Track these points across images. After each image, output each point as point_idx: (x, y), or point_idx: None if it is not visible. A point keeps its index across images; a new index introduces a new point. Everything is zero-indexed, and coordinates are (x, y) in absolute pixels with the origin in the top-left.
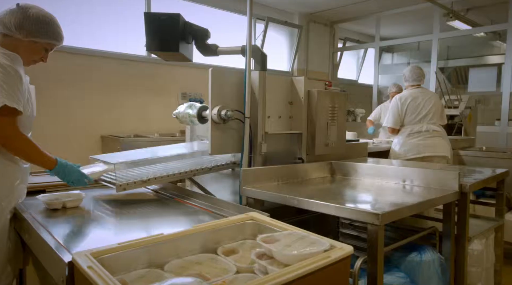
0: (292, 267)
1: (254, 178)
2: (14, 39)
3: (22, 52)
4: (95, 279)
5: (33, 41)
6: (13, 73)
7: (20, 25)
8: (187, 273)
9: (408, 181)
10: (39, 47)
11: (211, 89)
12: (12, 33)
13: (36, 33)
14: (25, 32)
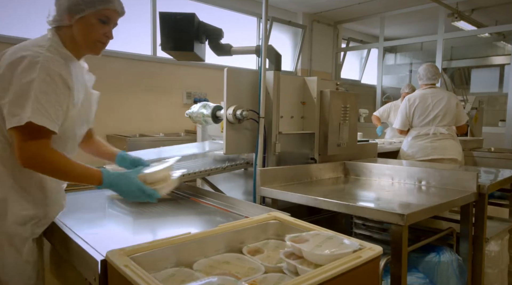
0: (325, 267)
1: (270, 178)
2: (66, 29)
3: (79, 40)
4: (133, 278)
5: (80, 19)
6: (60, 83)
7: (59, 9)
8: (217, 272)
9: (424, 181)
10: (89, 22)
11: (226, 89)
12: (60, 22)
13: (77, 5)
14: (67, 13)
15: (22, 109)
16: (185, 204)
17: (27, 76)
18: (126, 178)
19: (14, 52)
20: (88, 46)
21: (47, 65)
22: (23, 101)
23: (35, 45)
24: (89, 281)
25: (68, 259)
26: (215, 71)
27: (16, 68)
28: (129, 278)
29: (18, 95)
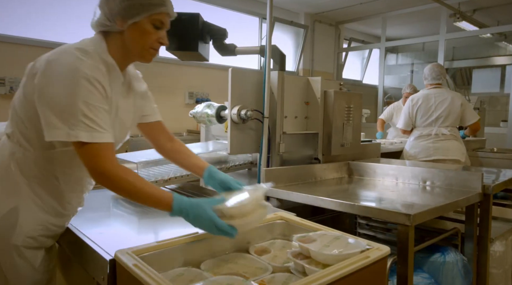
0: (334, 267)
1: (275, 178)
2: (115, 35)
3: (131, 46)
4: (143, 277)
5: (133, 24)
6: (98, 91)
7: (110, 13)
8: (224, 272)
9: (428, 181)
10: (143, 27)
11: (231, 89)
12: (109, 27)
13: (130, 9)
14: (120, 17)
15: (68, 122)
16: None
17: (71, 86)
18: (198, 207)
19: (55, 57)
20: (140, 53)
21: (90, 74)
22: (70, 113)
23: (78, 50)
24: (96, 281)
25: (75, 259)
26: (218, 71)
27: (55, 75)
28: (139, 277)
29: (63, 104)
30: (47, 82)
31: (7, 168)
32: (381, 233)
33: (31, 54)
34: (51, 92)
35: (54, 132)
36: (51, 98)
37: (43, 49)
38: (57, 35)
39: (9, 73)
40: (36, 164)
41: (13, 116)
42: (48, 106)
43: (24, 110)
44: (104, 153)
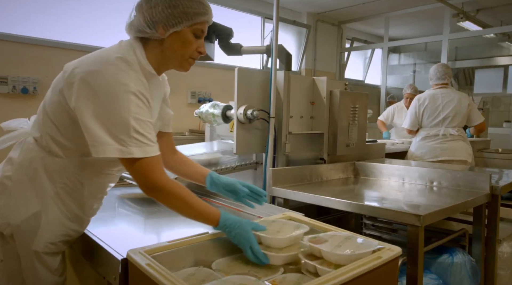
0: (347, 267)
1: (282, 178)
2: (154, 43)
3: (169, 55)
4: (156, 276)
5: (175, 32)
6: (145, 104)
7: (152, 20)
8: (236, 272)
9: (435, 182)
10: (185, 36)
11: (237, 89)
12: (148, 34)
13: (173, 18)
14: (161, 25)
15: (119, 139)
16: None
17: (122, 102)
18: (241, 227)
19: (98, 68)
20: (179, 62)
21: (135, 88)
22: (121, 130)
23: (120, 60)
24: (107, 280)
25: (85, 258)
26: (220, 71)
27: (102, 89)
28: (153, 277)
29: (113, 121)
30: (93, 96)
31: (34, 171)
32: (387, 234)
33: (34, 53)
34: (100, 107)
35: (104, 148)
36: (100, 114)
37: (46, 48)
38: (59, 34)
39: (11, 72)
40: (65, 171)
41: (45, 122)
42: (97, 121)
43: (60, 118)
44: (157, 167)
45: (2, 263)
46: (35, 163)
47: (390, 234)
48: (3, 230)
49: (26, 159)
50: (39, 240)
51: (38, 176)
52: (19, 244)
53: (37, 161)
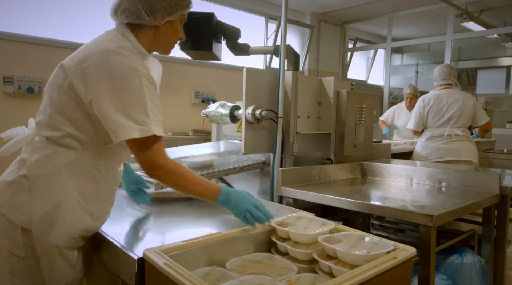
0: (363, 268)
1: (290, 178)
2: (149, 29)
3: (162, 42)
4: (175, 275)
5: (169, 21)
6: (154, 87)
7: (151, 8)
8: (250, 271)
9: (444, 182)
10: (175, 24)
11: (246, 89)
12: (145, 21)
13: (170, 8)
14: (159, 14)
15: (138, 120)
16: (204, 203)
17: (132, 84)
18: (241, 194)
19: (107, 58)
20: (169, 47)
21: (145, 72)
22: (140, 111)
23: (123, 49)
24: (121, 279)
25: (97, 257)
26: (223, 71)
27: (113, 73)
28: (171, 276)
29: (131, 104)
30: (108, 86)
31: (52, 166)
32: (394, 234)
33: (39, 52)
34: (116, 94)
35: (126, 131)
36: (117, 101)
37: (51, 48)
38: (65, 33)
39: (17, 72)
40: (82, 162)
41: (56, 119)
42: (116, 108)
43: (72, 113)
44: (162, 147)
45: (24, 260)
46: (52, 159)
47: (397, 234)
48: (26, 226)
49: (42, 156)
50: (60, 234)
51: (56, 171)
52: (40, 239)
53: (54, 157)
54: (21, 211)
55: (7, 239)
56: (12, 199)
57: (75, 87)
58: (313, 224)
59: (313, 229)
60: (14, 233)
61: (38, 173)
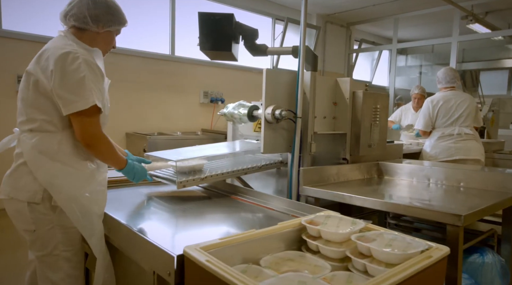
0: (401, 267)
1: (311, 177)
2: (90, 33)
3: (100, 45)
4: (219, 272)
5: (108, 31)
6: (98, 72)
7: (95, 18)
8: (285, 269)
9: (463, 183)
10: (112, 36)
11: (265, 89)
12: (89, 26)
13: (111, 22)
14: (102, 24)
15: (83, 96)
16: (225, 202)
17: (78, 69)
18: (139, 167)
19: (54, 51)
20: (104, 52)
21: (87, 59)
22: (82, 89)
23: (67, 45)
24: (157, 274)
25: (128, 253)
26: (231, 71)
27: (64, 62)
28: (215, 273)
29: (76, 85)
30: (62, 72)
31: (46, 148)
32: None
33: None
34: (66, 76)
35: (74, 105)
36: (67, 82)
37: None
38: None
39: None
40: (68, 138)
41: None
42: (65, 87)
43: (46, 104)
44: (97, 119)
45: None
46: (39, 144)
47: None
48: (33, 200)
49: (31, 144)
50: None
51: (45, 151)
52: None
53: (40, 141)
54: (26, 189)
55: (19, 220)
56: (17, 183)
57: (40, 81)
58: (343, 223)
59: (344, 228)
60: (24, 210)
61: (32, 156)
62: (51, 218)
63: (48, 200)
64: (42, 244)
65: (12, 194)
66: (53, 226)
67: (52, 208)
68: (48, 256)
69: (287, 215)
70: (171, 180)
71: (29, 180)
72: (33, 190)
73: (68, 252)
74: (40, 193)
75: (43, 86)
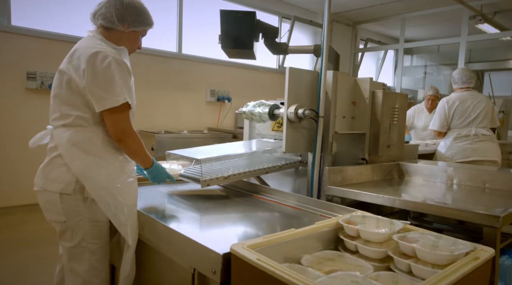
0: (451, 268)
1: (337, 177)
2: (117, 32)
3: (125, 44)
4: (272, 270)
5: (133, 31)
6: (126, 70)
7: (121, 17)
8: (327, 269)
9: (488, 184)
10: (138, 36)
11: (288, 88)
12: (115, 26)
13: (136, 22)
14: (127, 23)
15: (114, 93)
16: (249, 201)
17: (108, 67)
18: (162, 168)
19: (85, 51)
20: (129, 52)
21: (116, 57)
22: (113, 87)
23: (96, 44)
24: (198, 271)
25: (165, 251)
26: (238, 69)
27: (95, 61)
28: (269, 271)
29: (107, 83)
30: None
31: (80, 141)
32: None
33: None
34: (98, 74)
35: (106, 102)
36: (98, 80)
37: (72, 45)
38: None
39: (40, 68)
40: (100, 132)
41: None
42: (97, 85)
43: (79, 101)
44: (128, 115)
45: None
46: (73, 137)
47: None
48: (65, 191)
49: (65, 137)
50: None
51: (78, 144)
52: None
53: (73, 135)
54: (59, 181)
55: (51, 211)
56: (50, 175)
57: (72, 79)
58: (381, 223)
59: (383, 228)
60: (55, 201)
61: (66, 149)
62: (80, 210)
63: (79, 192)
64: (71, 235)
65: (46, 186)
66: (82, 218)
67: (83, 200)
68: (75, 247)
69: (315, 215)
70: (195, 179)
71: (62, 171)
72: (66, 181)
73: (94, 244)
74: (72, 184)
75: (76, 84)
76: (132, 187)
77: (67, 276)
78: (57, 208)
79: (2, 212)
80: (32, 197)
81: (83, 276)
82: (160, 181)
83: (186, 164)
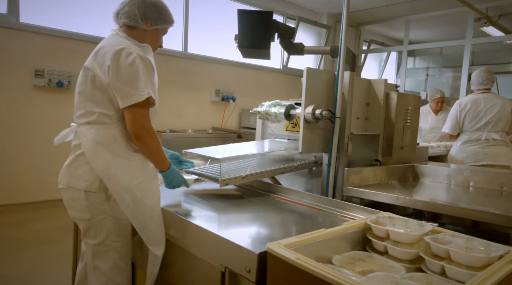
0: (489, 270)
1: (356, 178)
2: (140, 31)
3: (148, 42)
4: (313, 269)
5: (155, 29)
6: (150, 66)
7: (144, 15)
8: (359, 269)
9: (505, 187)
10: (159, 34)
11: (305, 88)
12: (138, 24)
13: (158, 20)
14: (150, 22)
15: (138, 88)
16: (266, 201)
17: (133, 63)
18: (178, 172)
19: (110, 48)
20: (152, 49)
21: (141, 54)
22: (137, 82)
23: (121, 42)
24: (229, 270)
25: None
26: (242, 69)
27: (119, 57)
28: (309, 270)
29: (132, 78)
30: (118, 67)
31: (103, 139)
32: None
33: (69, 47)
34: (121, 70)
35: (130, 98)
36: (123, 75)
37: (80, 42)
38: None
39: (48, 66)
40: (123, 128)
41: (94, 106)
42: (122, 81)
43: (103, 98)
44: (148, 113)
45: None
46: (97, 135)
47: None
48: (90, 188)
49: (89, 135)
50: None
51: (102, 141)
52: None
53: (97, 132)
54: (84, 178)
55: (75, 209)
56: (75, 173)
57: (97, 76)
58: (410, 224)
59: (413, 229)
60: (80, 199)
61: (90, 147)
62: (104, 207)
63: (103, 190)
64: (95, 233)
65: (70, 183)
66: (106, 216)
67: (107, 198)
68: (99, 245)
69: (335, 215)
70: (214, 178)
71: (87, 169)
72: (90, 179)
73: (118, 242)
74: (97, 182)
75: (100, 81)
76: (154, 186)
77: (91, 274)
78: (82, 206)
79: (6, 209)
80: (36, 194)
81: (106, 274)
82: (176, 185)
83: (200, 163)
